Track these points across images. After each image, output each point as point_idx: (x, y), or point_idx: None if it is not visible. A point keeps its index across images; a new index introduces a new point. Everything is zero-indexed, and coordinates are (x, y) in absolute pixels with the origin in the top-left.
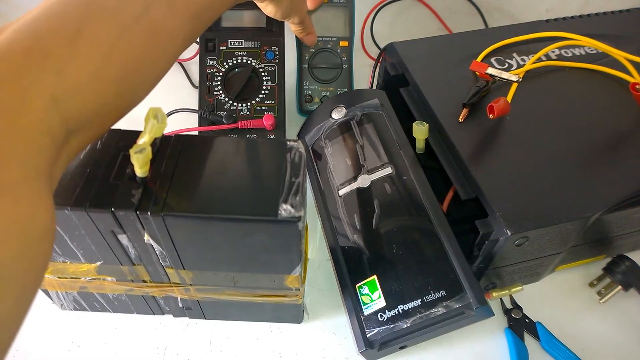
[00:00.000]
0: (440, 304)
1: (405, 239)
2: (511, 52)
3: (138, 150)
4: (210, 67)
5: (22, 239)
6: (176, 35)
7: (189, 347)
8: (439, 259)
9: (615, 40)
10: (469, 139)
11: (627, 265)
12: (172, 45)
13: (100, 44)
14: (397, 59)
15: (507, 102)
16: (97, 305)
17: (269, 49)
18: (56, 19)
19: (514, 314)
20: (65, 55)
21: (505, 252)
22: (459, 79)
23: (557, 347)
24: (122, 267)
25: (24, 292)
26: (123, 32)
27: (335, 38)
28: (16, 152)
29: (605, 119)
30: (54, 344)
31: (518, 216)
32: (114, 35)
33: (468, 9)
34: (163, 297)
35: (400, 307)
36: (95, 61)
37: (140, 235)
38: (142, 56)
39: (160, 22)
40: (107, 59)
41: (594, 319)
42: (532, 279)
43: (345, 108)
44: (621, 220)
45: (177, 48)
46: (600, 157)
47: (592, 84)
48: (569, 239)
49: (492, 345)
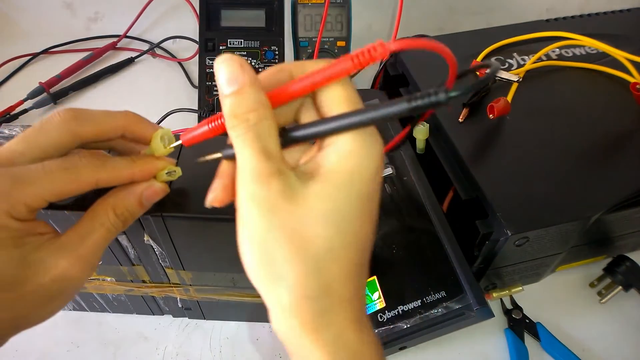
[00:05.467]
0: (440, 305)
1: (405, 239)
2: (511, 51)
3: (170, 172)
4: (210, 66)
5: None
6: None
7: (188, 348)
8: (439, 260)
9: (615, 40)
10: (469, 139)
11: (627, 266)
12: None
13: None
14: (397, 59)
15: (508, 102)
16: (96, 305)
17: (269, 48)
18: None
19: (514, 314)
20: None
21: (505, 253)
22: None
23: (558, 348)
24: (121, 267)
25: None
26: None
27: (332, 38)
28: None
29: (605, 118)
30: (53, 344)
31: (518, 216)
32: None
33: (468, 8)
34: (163, 297)
35: (400, 307)
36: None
37: (140, 235)
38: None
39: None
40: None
41: (594, 319)
42: (532, 279)
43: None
44: (621, 220)
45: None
46: (600, 157)
47: (593, 83)
48: (569, 240)
49: (492, 345)
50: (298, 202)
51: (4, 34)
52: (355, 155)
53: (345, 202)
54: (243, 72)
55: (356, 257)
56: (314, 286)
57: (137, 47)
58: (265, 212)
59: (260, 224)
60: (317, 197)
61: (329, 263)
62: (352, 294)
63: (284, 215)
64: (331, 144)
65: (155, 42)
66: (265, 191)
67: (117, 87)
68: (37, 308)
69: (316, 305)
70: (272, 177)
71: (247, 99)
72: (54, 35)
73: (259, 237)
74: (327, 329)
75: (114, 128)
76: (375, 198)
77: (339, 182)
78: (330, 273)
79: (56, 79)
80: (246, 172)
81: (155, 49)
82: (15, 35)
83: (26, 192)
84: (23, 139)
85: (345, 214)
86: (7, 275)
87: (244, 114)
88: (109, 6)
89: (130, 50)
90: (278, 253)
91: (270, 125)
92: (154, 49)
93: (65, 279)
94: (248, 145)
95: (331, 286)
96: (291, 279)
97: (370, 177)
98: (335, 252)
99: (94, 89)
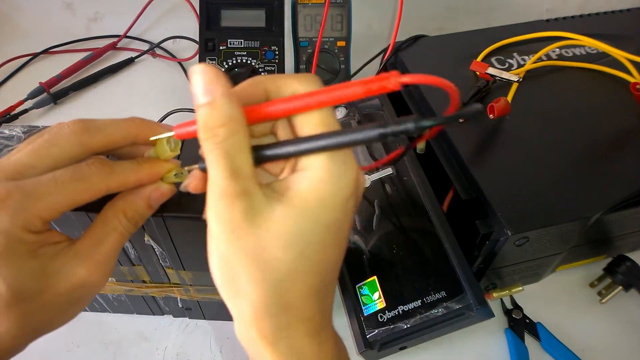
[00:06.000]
0: (441, 305)
1: (406, 240)
2: (511, 51)
3: (177, 174)
4: None
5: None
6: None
7: (188, 348)
8: (439, 260)
9: (615, 39)
10: (469, 139)
11: (627, 266)
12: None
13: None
14: (397, 59)
15: (508, 102)
16: (96, 305)
17: (269, 48)
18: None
19: (515, 314)
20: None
21: (505, 253)
22: (459, 79)
23: (558, 348)
24: (121, 267)
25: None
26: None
27: (332, 38)
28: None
29: (605, 118)
30: (53, 344)
31: (518, 216)
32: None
33: (468, 8)
34: (163, 297)
35: (400, 307)
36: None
37: (140, 235)
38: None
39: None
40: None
41: (594, 319)
42: (532, 279)
43: (346, 108)
44: (622, 220)
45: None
46: (600, 157)
47: (593, 83)
48: (569, 239)
49: (492, 345)
50: (261, 224)
51: (4, 33)
52: (325, 183)
53: (310, 229)
54: (216, 84)
55: (319, 280)
56: (274, 304)
57: (137, 47)
58: (228, 234)
59: (224, 243)
60: (281, 221)
61: (289, 284)
62: (313, 312)
63: (245, 237)
64: (304, 168)
65: (155, 42)
66: (229, 211)
67: (117, 87)
68: (57, 315)
69: (275, 320)
70: (236, 198)
71: (218, 112)
72: (54, 35)
73: (223, 255)
74: (284, 341)
75: (125, 138)
76: (344, 224)
77: (306, 209)
78: (290, 293)
79: (56, 79)
80: (213, 188)
81: (155, 49)
82: (16, 35)
83: (40, 206)
84: (33, 152)
85: (310, 241)
86: (28, 286)
87: (214, 128)
88: (109, 6)
89: (130, 50)
90: (240, 272)
91: (241, 141)
92: (154, 49)
93: (84, 285)
94: (216, 162)
95: (291, 304)
96: (252, 297)
97: (340, 204)
98: (296, 275)
99: (94, 89)
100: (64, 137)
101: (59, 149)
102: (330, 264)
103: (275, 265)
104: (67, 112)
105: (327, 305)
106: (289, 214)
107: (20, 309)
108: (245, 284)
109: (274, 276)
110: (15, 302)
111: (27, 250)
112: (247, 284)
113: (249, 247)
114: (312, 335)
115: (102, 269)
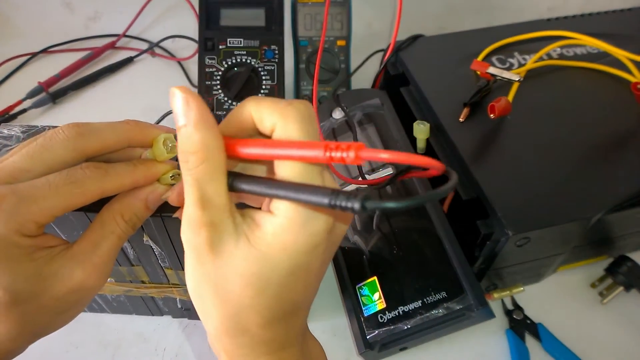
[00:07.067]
0: (441, 305)
1: (406, 240)
2: (512, 51)
3: (174, 175)
4: (209, 66)
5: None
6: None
7: (188, 349)
8: (440, 260)
9: (616, 39)
10: (470, 139)
11: (628, 266)
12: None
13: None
14: (398, 58)
15: (509, 102)
16: (95, 306)
17: (269, 48)
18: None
19: (515, 315)
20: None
21: (506, 253)
22: (460, 78)
23: (559, 349)
24: (120, 267)
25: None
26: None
27: (332, 38)
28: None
29: (606, 118)
30: (52, 345)
31: (519, 216)
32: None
33: (469, 7)
34: (162, 298)
35: (400, 308)
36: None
37: (139, 236)
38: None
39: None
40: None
41: (595, 320)
42: (533, 279)
43: (346, 108)
44: (623, 220)
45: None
46: (601, 156)
47: (594, 83)
48: (570, 240)
49: (493, 346)
50: (223, 257)
51: (3, 33)
52: (287, 232)
53: (270, 272)
54: (188, 109)
55: (280, 312)
56: (233, 328)
57: (136, 46)
58: (195, 260)
59: (193, 268)
60: (243, 260)
61: (246, 315)
62: (274, 335)
63: (209, 267)
64: (273, 210)
65: (154, 42)
66: (195, 239)
67: (116, 87)
68: (55, 317)
69: (235, 341)
70: (202, 228)
71: (190, 138)
72: (52, 35)
73: (192, 275)
74: (244, 358)
75: (120, 141)
76: (314, 266)
77: (268, 254)
78: (249, 321)
79: (55, 79)
80: (185, 212)
81: (154, 48)
82: (14, 34)
83: (34, 210)
84: (27, 156)
85: (270, 283)
86: (24, 289)
87: (186, 153)
88: (108, 5)
89: (129, 49)
90: (205, 294)
91: (213, 169)
92: (153, 48)
93: (81, 288)
94: (188, 188)
95: (249, 330)
96: (214, 318)
97: (305, 252)
98: (253, 309)
99: (93, 89)
100: (58, 142)
101: (53, 153)
102: (296, 298)
103: (233, 297)
104: (66, 111)
105: (295, 327)
106: (251, 256)
107: (18, 312)
108: (209, 305)
109: (232, 305)
110: (12, 305)
111: (22, 254)
112: (211, 306)
113: (212, 275)
114: (273, 353)
115: (100, 272)
